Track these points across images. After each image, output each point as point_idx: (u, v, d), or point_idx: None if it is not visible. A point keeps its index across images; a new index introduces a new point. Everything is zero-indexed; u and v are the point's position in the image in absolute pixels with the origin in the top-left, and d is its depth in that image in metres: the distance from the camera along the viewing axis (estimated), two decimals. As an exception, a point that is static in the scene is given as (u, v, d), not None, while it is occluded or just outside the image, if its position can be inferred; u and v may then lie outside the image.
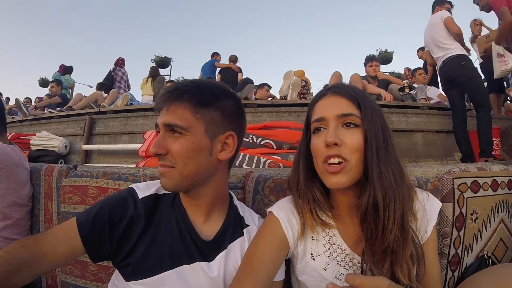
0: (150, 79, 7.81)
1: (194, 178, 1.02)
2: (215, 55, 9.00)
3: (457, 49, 4.12)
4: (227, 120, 1.08)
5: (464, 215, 1.40)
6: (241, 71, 8.40)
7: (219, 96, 1.08)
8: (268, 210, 1.12)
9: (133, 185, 1.14)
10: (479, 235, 1.47)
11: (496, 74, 4.32)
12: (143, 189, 1.12)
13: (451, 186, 1.37)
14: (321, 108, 1.03)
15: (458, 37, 4.17)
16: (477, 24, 5.75)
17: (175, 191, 1.07)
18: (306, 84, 6.90)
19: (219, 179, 1.12)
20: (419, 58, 7.86)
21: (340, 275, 1.04)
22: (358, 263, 1.03)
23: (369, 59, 5.62)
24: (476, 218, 1.45)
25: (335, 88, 1.05)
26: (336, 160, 0.96)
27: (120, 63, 8.16)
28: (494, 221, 1.52)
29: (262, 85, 6.79)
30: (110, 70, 7.93)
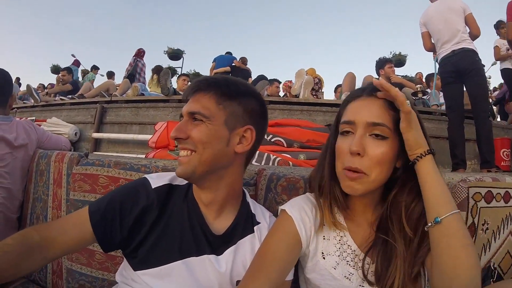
0: (155, 76, 7.73)
1: (210, 164, 1.04)
2: (228, 54, 8.95)
3: (472, 44, 3.88)
4: (247, 115, 1.11)
5: (476, 225, 1.38)
6: (250, 76, 8.37)
7: (244, 93, 1.12)
8: (280, 208, 1.12)
9: (146, 175, 1.15)
10: (488, 246, 1.45)
11: None
12: (157, 179, 1.13)
13: (466, 194, 1.34)
14: (353, 111, 1.02)
15: (474, 38, 3.95)
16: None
17: (190, 177, 1.06)
18: (319, 82, 6.89)
19: (234, 173, 1.14)
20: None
21: (349, 274, 1.04)
22: (367, 264, 1.02)
23: (387, 61, 5.54)
24: (487, 228, 1.43)
25: (371, 89, 1.02)
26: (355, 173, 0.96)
27: (141, 54, 8.15)
28: (503, 233, 1.50)
29: (272, 81, 6.79)
30: (136, 61, 7.93)
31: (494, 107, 7.79)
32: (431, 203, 0.91)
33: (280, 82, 7.10)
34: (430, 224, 0.90)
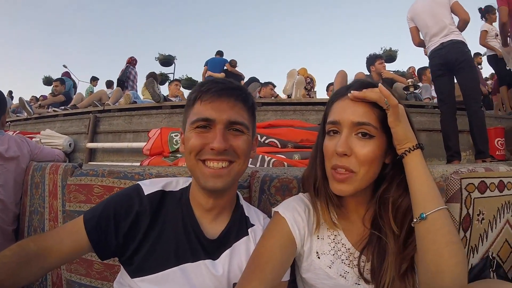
0: None
1: (242, 174, 1.10)
2: (219, 54, 8.91)
3: (461, 35, 3.87)
4: (255, 125, 1.18)
5: (471, 216, 1.38)
6: (242, 79, 8.31)
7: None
8: (273, 209, 1.12)
9: (139, 182, 1.15)
10: (485, 236, 1.46)
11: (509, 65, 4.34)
12: (149, 185, 1.12)
13: (459, 186, 1.35)
14: (338, 111, 1.02)
15: (465, 24, 3.91)
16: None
17: (228, 188, 1.07)
18: (311, 81, 6.89)
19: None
20: (425, 55, 7.82)
21: (344, 273, 1.04)
22: (362, 262, 1.03)
23: (378, 57, 5.51)
24: (483, 219, 1.43)
25: (357, 90, 0.99)
26: (343, 170, 0.96)
27: (133, 62, 8.13)
28: (500, 222, 1.51)
29: (266, 84, 6.79)
30: (126, 67, 7.90)
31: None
32: (418, 198, 0.92)
33: (274, 86, 7.09)
34: (415, 220, 0.90)
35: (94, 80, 10.57)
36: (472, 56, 4.02)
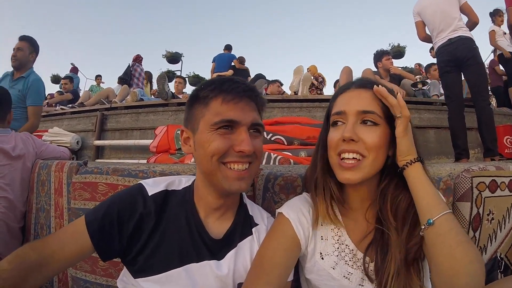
0: (148, 84, 7.86)
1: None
2: (227, 49, 8.88)
3: (468, 32, 3.83)
4: None
5: (481, 216, 1.36)
6: (249, 75, 8.30)
7: None
8: (277, 211, 1.11)
9: (142, 181, 1.12)
10: (493, 236, 1.43)
11: None
12: (153, 186, 1.10)
13: (470, 185, 1.32)
14: (343, 102, 1.04)
15: (474, 26, 3.88)
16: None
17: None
18: (322, 81, 6.85)
19: None
20: (433, 57, 7.76)
21: (348, 274, 1.03)
22: (366, 263, 1.02)
23: (385, 53, 5.46)
24: (492, 218, 1.41)
25: (360, 82, 1.06)
26: (351, 155, 0.97)
27: (139, 59, 8.14)
28: (509, 222, 1.48)
29: (273, 81, 6.77)
30: (129, 65, 7.88)
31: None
32: (423, 206, 0.93)
33: (282, 84, 7.07)
34: (423, 227, 0.91)
35: (96, 78, 10.63)
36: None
